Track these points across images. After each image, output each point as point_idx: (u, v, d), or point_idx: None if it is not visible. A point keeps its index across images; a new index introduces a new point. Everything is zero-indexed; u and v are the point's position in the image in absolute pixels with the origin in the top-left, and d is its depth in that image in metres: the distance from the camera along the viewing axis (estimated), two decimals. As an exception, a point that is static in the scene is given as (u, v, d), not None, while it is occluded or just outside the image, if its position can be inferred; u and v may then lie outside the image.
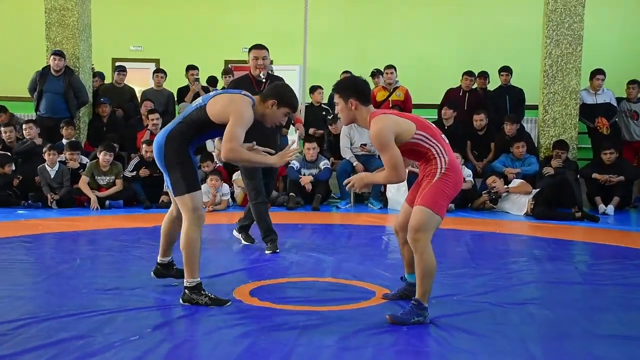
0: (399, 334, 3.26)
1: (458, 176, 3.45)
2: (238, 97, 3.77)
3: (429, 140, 3.42)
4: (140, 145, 8.35)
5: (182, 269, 3.85)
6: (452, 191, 3.44)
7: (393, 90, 9.24)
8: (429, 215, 3.36)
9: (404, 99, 9.24)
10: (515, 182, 8.14)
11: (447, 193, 3.42)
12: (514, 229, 6.96)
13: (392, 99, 9.21)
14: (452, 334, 3.28)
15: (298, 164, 8.39)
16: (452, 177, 3.42)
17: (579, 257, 5.70)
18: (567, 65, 8.70)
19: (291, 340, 3.15)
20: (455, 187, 3.45)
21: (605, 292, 4.18)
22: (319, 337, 3.20)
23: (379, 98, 9.24)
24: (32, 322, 3.35)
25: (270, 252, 5.27)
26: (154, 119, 8.46)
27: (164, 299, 3.86)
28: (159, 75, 9.67)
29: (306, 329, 3.33)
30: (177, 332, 3.25)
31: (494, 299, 3.97)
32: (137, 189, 8.06)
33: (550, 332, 3.37)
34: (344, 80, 3.71)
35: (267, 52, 5.67)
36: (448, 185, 3.41)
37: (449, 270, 4.78)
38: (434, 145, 3.43)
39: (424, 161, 3.47)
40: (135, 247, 5.53)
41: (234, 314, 3.56)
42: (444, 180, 3.40)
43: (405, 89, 9.33)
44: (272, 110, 3.84)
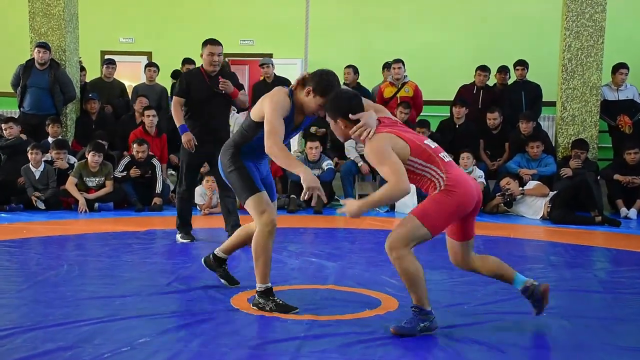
0: (406, 345, 3.29)
1: (464, 190, 3.35)
2: (273, 90, 3.85)
3: (422, 166, 3.39)
4: (131, 144, 8.37)
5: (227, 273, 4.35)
6: (455, 206, 3.35)
7: (401, 87, 9.21)
8: (413, 226, 3.33)
9: (412, 95, 9.19)
10: (530, 183, 8.16)
11: (443, 208, 3.34)
12: (530, 233, 6.99)
13: (400, 95, 9.16)
14: (462, 344, 3.31)
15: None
16: (456, 192, 3.33)
17: (599, 264, 5.72)
18: (587, 59, 8.72)
19: (292, 350, 3.18)
20: (460, 202, 3.35)
21: (627, 302, 4.20)
22: (321, 347, 3.23)
23: (386, 95, 9.20)
24: (17, 332, 3.38)
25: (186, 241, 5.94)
26: (150, 116, 8.48)
27: (157, 307, 3.89)
28: (151, 69, 9.68)
29: (307, 339, 3.36)
30: (171, 343, 3.28)
31: (507, 308, 4.00)
32: (128, 191, 8.09)
33: (567, 343, 3.40)
34: (338, 100, 3.54)
35: (222, 47, 5.96)
36: (447, 200, 3.32)
37: (459, 277, 4.80)
38: (428, 169, 3.38)
39: (420, 183, 3.45)
40: (126, 252, 5.57)
41: (231, 323, 3.60)
42: (443, 195, 3.33)
43: (414, 84, 9.30)
44: (308, 99, 3.74)
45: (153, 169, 8.19)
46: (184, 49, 10.88)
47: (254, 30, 12.28)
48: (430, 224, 3.33)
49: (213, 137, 5.78)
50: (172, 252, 5.75)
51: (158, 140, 8.61)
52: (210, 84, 5.88)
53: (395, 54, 9.78)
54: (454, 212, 3.36)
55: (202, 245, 6.23)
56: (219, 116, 6.02)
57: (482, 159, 8.89)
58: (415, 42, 11.58)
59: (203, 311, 3.83)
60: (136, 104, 9.02)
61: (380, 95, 9.29)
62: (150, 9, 12.40)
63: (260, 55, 11.10)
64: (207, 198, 7.86)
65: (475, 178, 8.21)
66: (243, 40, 12.34)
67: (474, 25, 11.88)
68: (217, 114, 5.97)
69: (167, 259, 5.34)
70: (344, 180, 8.48)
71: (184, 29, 12.21)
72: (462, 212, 3.40)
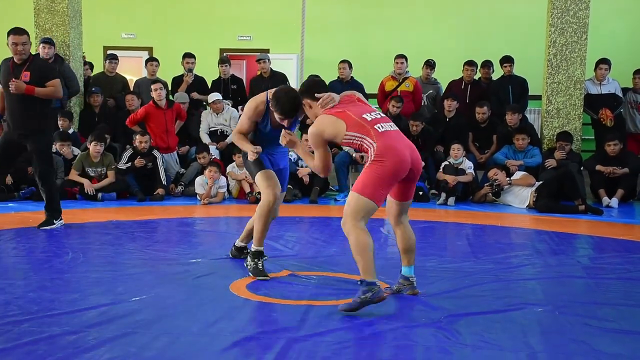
0: (398, 329, 3.29)
1: (393, 157, 3.53)
2: (256, 95, 4.38)
3: (358, 137, 3.63)
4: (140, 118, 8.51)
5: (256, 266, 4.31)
6: (387, 174, 3.54)
7: (402, 81, 9.28)
8: (355, 200, 3.56)
9: (412, 90, 9.30)
10: (517, 174, 8.18)
11: (378, 177, 3.53)
12: (516, 222, 7.01)
13: (400, 89, 9.27)
14: (452, 328, 3.32)
15: (295, 156, 8.42)
16: (385, 161, 3.53)
17: (582, 250, 5.74)
18: (571, 54, 8.72)
19: (288, 335, 3.18)
20: (391, 170, 3.54)
21: (608, 286, 4.22)
22: (317, 332, 3.24)
23: (387, 88, 9.30)
24: (24, 317, 3.38)
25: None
26: (158, 89, 8.54)
27: (158, 293, 3.89)
28: (152, 64, 9.65)
29: (304, 323, 3.36)
30: (173, 327, 3.28)
31: (495, 293, 4.01)
32: (130, 181, 8.08)
33: (552, 326, 3.41)
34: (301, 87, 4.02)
35: (27, 37, 5.79)
36: (379, 169, 3.53)
37: (448, 264, 4.83)
38: (363, 139, 3.62)
39: (363, 149, 3.66)
40: (129, 240, 5.56)
41: (231, 308, 3.59)
42: (375, 166, 3.55)
43: (414, 80, 9.40)
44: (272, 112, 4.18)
45: (154, 160, 8.17)
46: (184, 44, 10.87)
47: (251, 27, 12.25)
48: (369, 194, 3.54)
49: (15, 124, 5.81)
50: (173, 241, 5.75)
51: (170, 112, 8.67)
52: (13, 74, 5.76)
53: (390, 51, 9.78)
54: (388, 178, 3.56)
55: (202, 234, 6.23)
56: (19, 105, 5.78)
57: (471, 151, 8.91)
58: (409, 39, 11.56)
59: (203, 297, 3.82)
60: (127, 102, 8.97)
61: (381, 88, 9.37)
62: (152, 6, 12.35)
63: (257, 50, 11.07)
64: (207, 188, 7.84)
65: (465, 169, 8.24)
66: (241, 36, 12.30)
67: (464, 23, 11.88)
68: (16, 103, 5.79)
69: (169, 247, 5.33)
70: (338, 170, 8.48)
71: (184, 25, 12.18)
72: (397, 178, 3.60)
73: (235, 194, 8.27)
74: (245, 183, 8.06)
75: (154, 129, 8.57)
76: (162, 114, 8.57)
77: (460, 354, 2.99)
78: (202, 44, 11.56)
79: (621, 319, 3.49)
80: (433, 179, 8.58)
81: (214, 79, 9.83)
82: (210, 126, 9.04)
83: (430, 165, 8.70)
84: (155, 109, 8.55)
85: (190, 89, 9.47)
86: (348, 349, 3.04)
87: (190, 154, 8.91)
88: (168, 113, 8.64)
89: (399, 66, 9.28)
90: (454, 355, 2.97)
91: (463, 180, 8.14)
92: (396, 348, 3.07)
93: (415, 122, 8.63)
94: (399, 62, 9.30)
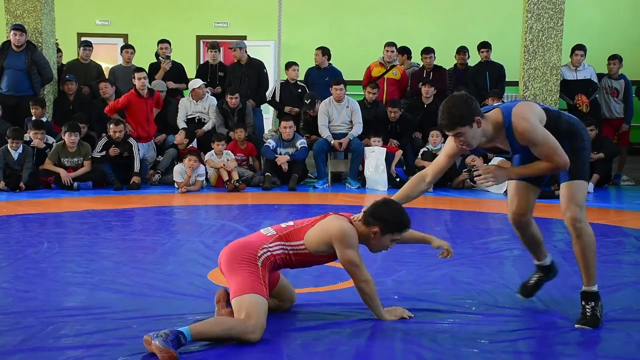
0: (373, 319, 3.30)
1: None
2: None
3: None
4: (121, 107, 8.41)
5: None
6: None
7: (390, 68, 9.28)
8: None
9: (400, 78, 9.32)
10: (494, 160, 8.21)
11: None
12: (494, 207, 7.06)
13: (387, 76, 9.27)
14: (429, 311, 3.34)
15: (274, 143, 8.38)
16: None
17: (559, 235, 5.79)
18: (548, 40, 8.77)
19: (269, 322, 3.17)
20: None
21: (584, 270, 4.26)
22: (295, 320, 3.23)
23: (374, 74, 9.31)
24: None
25: None
26: (141, 78, 8.40)
27: (136, 282, 3.86)
28: (128, 51, 9.53)
29: (282, 312, 3.35)
30: (149, 318, 3.25)
31: (472, 278, 4.04)
32: (106, 170, 7.99)
33: (528, 309, 3.44)
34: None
35: None
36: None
37: (427, 249, 4.84)
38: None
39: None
40: (105, 229, 5.51)
41: (209, 298, 3.56)
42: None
43: (402, 68, 9.41)
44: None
45: (130, 148, 8.09)
46: (159, 31, 10.74)
47: (228, 13, 12.15)
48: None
49: None
50: (150, 230, 5.70)
51: (151, 101, 8.61)
52: None
53: (368, 37, 9.77)
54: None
55: (180, 223, 6.19)
56: None
57: (448, 137, 8.92)
58: (388, 25, 11.54)
59: (181, 286, 3.80)
60: (101, 90, 8.86)
61: (368, 74, 9.38)
62: (126, -8, 12.18)
63: (234, 37, 10.98)
64: (186, 176, 7.79)
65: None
66: (217, 22, 12.20)
67: (442, 9, 11.88)
68: None
69: (146, 236, 5.29)
70: (317, 157, 8.47)
71: (160, 11, 12.04)
72: None
73: (214, 182, 8.22)
74: (223, 171, 8.01)
75: (135, 117, 8.48)
76: (144, 103, 8.48)
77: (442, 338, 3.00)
78: (178, 30, 11.45)
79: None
80: (411, 165, 8.60)
81: (201, 64, 9.74)
82: (188, 114, 8.97)
83: (409, 151, 8.73)
84: (137, 98, 8.43)
85: (167, 76, 9.37)
86: (325, 336, 3.04)
87: (167, 142, 8.83)
88: (149, 102, 8.56)
89: (389, 54, 9.28)
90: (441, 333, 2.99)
91: (441, 166, 8.16)
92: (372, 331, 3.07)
93: (394, 109, 8.64)
94: (389, 50, 9.29)
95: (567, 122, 3.29)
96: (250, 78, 9.22)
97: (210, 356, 2.77)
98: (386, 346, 2.91)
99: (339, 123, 8.62)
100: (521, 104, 3.23)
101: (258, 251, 3.11)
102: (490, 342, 2.95)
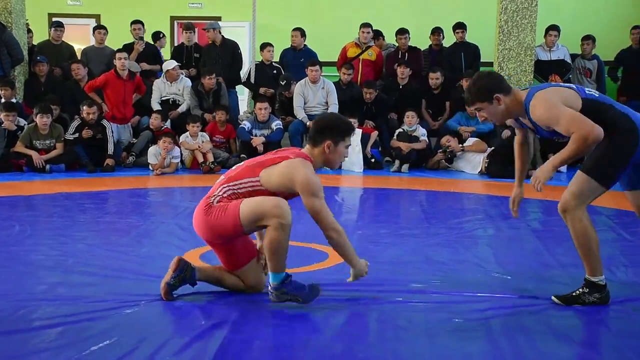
0: (352, 294, 3.31)
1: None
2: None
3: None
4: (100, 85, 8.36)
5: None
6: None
7: (365, 49, 9.23)
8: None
9: (375, 59, 9.29)
10: (470, 140, 8.27)
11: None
12: (469, 187, 7.10)
13: (363, 57, 9.23)
14: (404, 292, 3.36)
15: (249, 125, 8.33)
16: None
17: (533, 214, 5.85)
18: (522, 21, 8.79)
19: (242, 303, 3.16)
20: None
21: (556, 249, 4.31)
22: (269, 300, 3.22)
23: (350, 54, 9.28)
24: (-31, 292, 3.28)
25: None
26: (122, 58, 8.36)
27: (109, 265, 3.82)
28: (100, 32, 9.39)
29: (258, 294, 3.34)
30: (124, 299, 3.21)
31: (447, 258, 4.06)
32: (79, 153, 7.88)
33: (502, 288, 3.47)
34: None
35: None
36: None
37: (402, 230, 4.86)
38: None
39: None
40: (79, 212, 5.45)
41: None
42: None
43: (377, 49, 9.38)
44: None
45: (103, 130, 7.99)
46: (132, 11, 10.57)
47: (202, -7, 11.99)
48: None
49: None
50: (125, 212, 5.64)
51: (130, 83, 8.51)
52: None
53: (340, 17, 9.71)
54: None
55: (155, 205, 6.14)
56: None
57: (424, 118, 8.95)
58: (363, 6, 11.45)
59: (155, 269, 3.75)
60: (73, 71, 8.71)
61: (343, 54, 9.34)
62: (98, -29, 11.95)
63: (209, 18, 10.85)
64: (161, 158, 7.72)
65: (419, 136, 8.28)
66: (192, 3, 12.04)
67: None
68: None
69: (120, 219, 5.23)
70: (292, 139, 8.44)
71: (133, -8, 11.82)
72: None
73: (189, 164, 8.17)
74: (198, 153, 7.95)
75: (112, 98, 8.43)
76: (122, 84, 8.42)
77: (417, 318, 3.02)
78: (152, 11, 11.27)
79: (571, 280, 3.56)
80: (387, 146, 8.61)
81: (176, 46, 9.61)
82: (162, 95, 8.87)
83: (385, 132, 8.73)
84: (116, 79, 8.38)
85: (140, 57, 9.25)
86: (299, 317, 3.04)
87: (142, 124, 8.73)
88: (128, 84, 8.49)
89: (365, 35, 9.23)
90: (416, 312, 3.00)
91: (417, 147, 8.19)
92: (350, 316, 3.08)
93: (369, 90, 8.62)
94: (364, 32, 9.24)
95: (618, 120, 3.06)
96: (224, 59, 9.14)
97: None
98: (361, 327, 2.92)
99: (315, 104, 8.60)
100: (549, 89, 3.14)
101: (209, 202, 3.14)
102: (464, 320, 2.97)
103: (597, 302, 3.17)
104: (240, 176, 3.15)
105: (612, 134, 3.05)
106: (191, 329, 2.84)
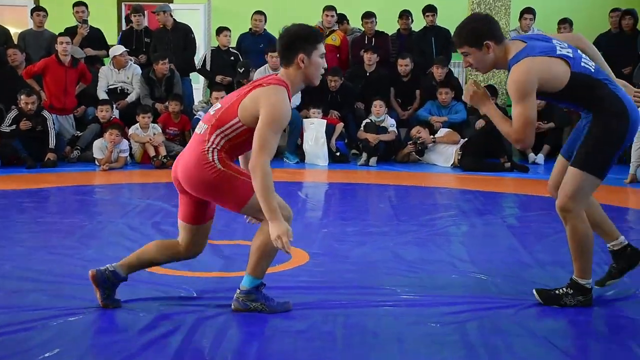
0: (318, 297, 3.30)
1: None
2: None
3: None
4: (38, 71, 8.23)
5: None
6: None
7: (329, 34, 9.22)
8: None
9: (339, 45, 9.28)
10: (441, 131, 8.32)
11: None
12: (441, 181, 7.16)
13: (327, 42, 9.18)
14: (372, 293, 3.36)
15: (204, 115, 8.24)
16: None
17: (508, 210, 5.92)
18: (496, 4, 8.89)
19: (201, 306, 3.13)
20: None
21: (533, 247, 4.35)
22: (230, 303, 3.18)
23: None
24: None
25: None
26: (64, 42, 8.26)
27: (52, 268, 3.74)
28: (39, 14, 9.21)
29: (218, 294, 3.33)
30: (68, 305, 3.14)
31: (418, 257, 4.07)
32: (17, 146, 7.72)
33: (477, 289, 3.49)
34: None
35: None
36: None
37: (370, 227, 4.87)
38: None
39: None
40: (17, 212, 5.35)
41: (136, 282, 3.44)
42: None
43: (342, 34, 9.38)
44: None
45: (44, 122, 7.83)
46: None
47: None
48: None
49: None
50: (68, 211, 5.55)
51: (73, 71, 8.40)
52: None
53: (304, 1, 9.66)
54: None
55: (102, 203, 6.05)
56: None
57: (393, 108, 8.97)
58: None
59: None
60: (9, 57, 8.53)
61: None
62: (36, -52, 11.69)
63: (160, 0, 10.71)
64: (107, 152, 7.60)
65: (387, 127, 8.30)
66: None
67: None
68: None
69: (63, 219, 5.13)
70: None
71: (75, -30, 11.59)
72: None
73: (139, 159, 8.06)
74: (149, 146, 7.85)
75: (51, 86, 8.31)
76: (63, 72, 8.29)
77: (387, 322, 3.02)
78: (97, -9, 11.07)
79: (551, 280, 3.59)
80: (354, 138, 8.61)
81: (125, 30, 9.47)
82: (110, 84, 8.74)
83: (351, 123, 8.73)
84: (57, 65, 8.25)
85: (85, 42, 9.10)
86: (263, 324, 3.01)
87: (87, 115, 8.59)
88: (70, 72, 8.37)
89: (328, 19, 9.24)
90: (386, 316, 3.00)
91: (385, 139, 8.21)
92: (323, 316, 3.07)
93: (334, 77, 8.61)
94: (328, 15, 9.24)
95: (607, 99, 3.08)
96: (176, 44, 9.04)
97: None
98: (327, 333, 2.91)
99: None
100: (538, 60, 3.04)
101: (207, 157, 2.99)
102: (437, 324, 2.98)
103: (579, 305, 3.21)
104: (223, 120, 3.03)
105: (599, 114, 3.11)
106: (142, 337, 2.80)
